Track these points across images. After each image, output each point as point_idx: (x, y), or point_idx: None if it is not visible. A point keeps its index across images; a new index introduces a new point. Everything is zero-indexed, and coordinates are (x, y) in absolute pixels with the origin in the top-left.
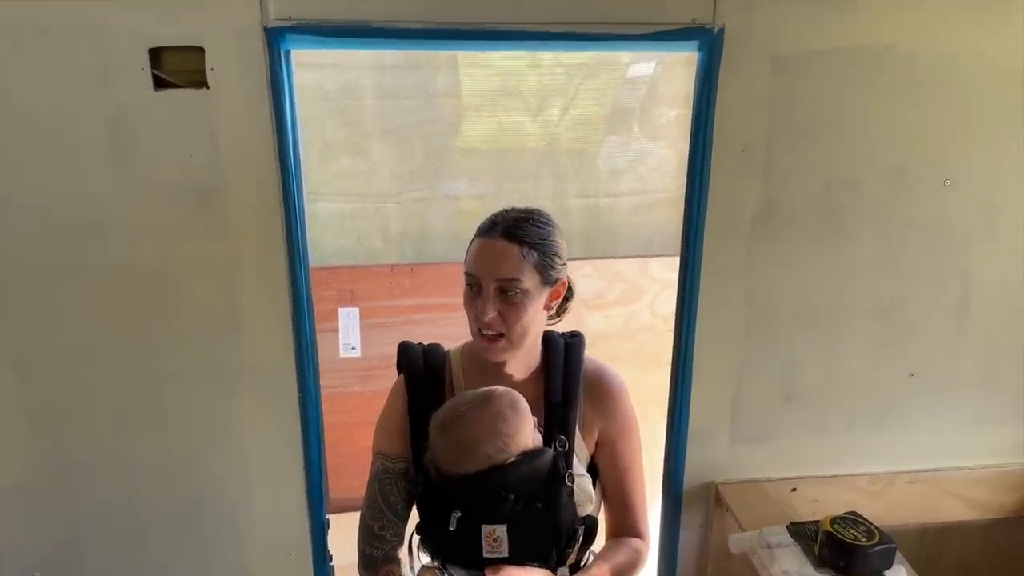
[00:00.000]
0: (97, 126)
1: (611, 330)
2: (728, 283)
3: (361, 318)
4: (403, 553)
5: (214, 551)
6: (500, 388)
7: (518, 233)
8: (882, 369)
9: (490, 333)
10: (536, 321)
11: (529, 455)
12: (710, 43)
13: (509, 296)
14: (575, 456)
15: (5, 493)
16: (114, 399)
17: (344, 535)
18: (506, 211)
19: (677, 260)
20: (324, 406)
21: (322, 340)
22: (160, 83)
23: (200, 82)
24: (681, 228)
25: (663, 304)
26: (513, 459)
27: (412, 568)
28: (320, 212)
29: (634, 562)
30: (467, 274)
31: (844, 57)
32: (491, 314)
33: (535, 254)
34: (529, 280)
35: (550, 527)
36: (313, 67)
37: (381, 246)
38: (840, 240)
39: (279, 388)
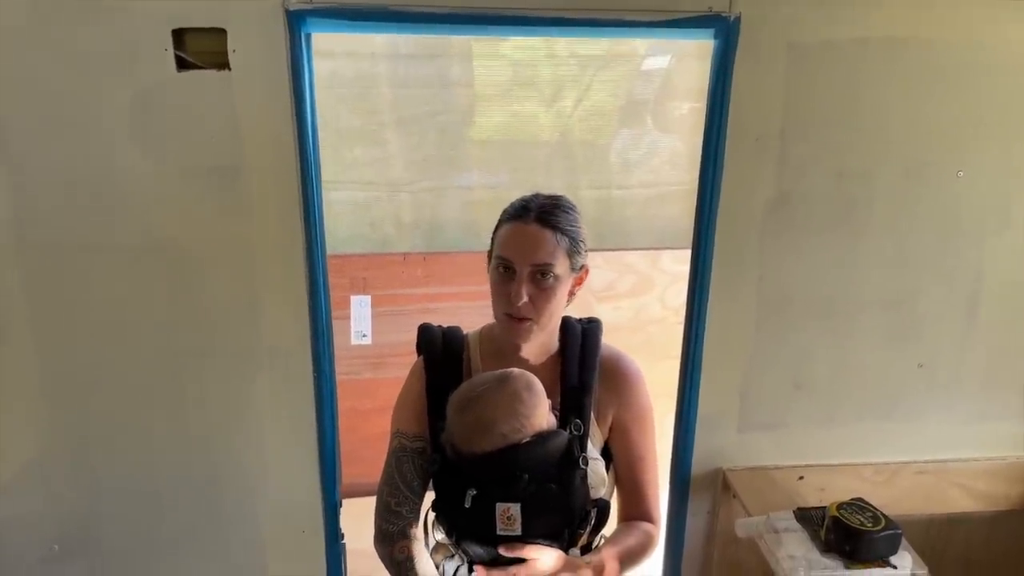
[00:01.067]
0: (120, 106)
1: (621, 322)
2: (739, 272)
3: (373, 306)
4: (419, 529)
5: (229, 527)
6: (516, 370)
7: (551, 219)
8: (891, 360)
9: (519, 316)
10: (561, 306)
11: (544, 436)
12: (726, 31)
13: (541, 281)
14: (589, 440)
15: (25, 466)
16: (133, 376)
17: (355, 520)
18: (535, 196)
19: (688, 253)
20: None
21: (334, 328)
22: (183, 64)
23: (222, 64)
24: (692, 221)
25: (673, 296)
26: (528, 439)
27: (427, 544)
28: (334, 200)
29: (644, 545)
30: (500, 257)
31: (860, 47)
32: (525, 298)
33: (566, 240)
34: (560, 265)
35: (563, 508)
36: (329, 55)
37: (394, 234)
38: (852, 231)
39: (295, 370)
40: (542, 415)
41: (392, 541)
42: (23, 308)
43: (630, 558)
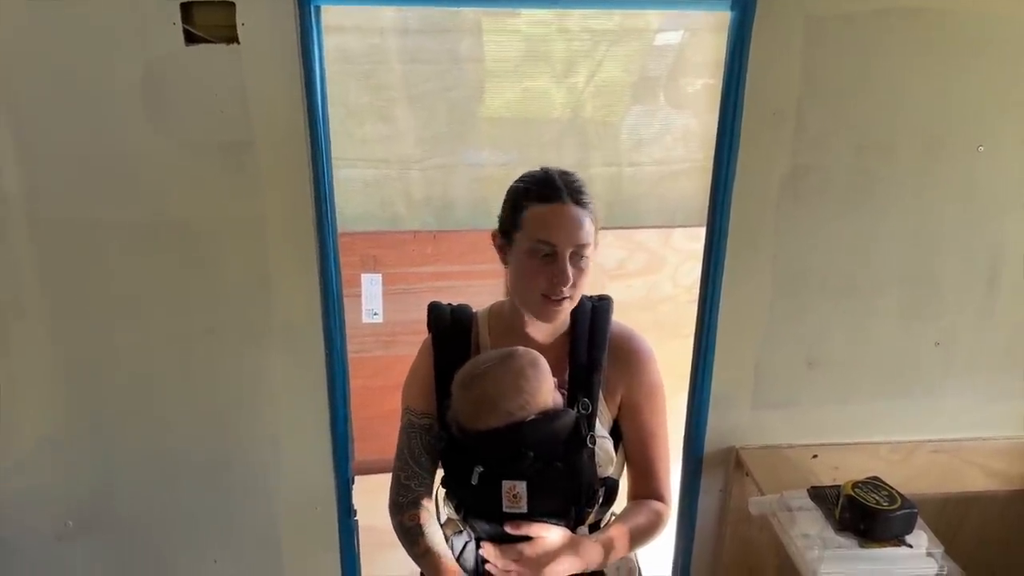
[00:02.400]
0: (129, 81)
1: (632, 300)
2: (754, 248)
3: (383, 284)
4: (431, 502)
5: (243, 504)
6: (521, 348)
7: (582, 198)
8: (908, 337)
9: (560, 297)
10: (585, 286)
11: (549, 414)
12: (743, 2)
13: (579, 261)
14: (597, 419)
15: (39, 444)
16: (146, 353)
17: (367, 496)
18: (554, 173)
19: (700, 231)
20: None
21: (345, 306)
22: (191, 38)
23: (231, 37)
24: (705, 199)
25: (685, 275)
26: (533, 417)
27: (439, 518)
28: (344, 178)
29: (654, 524)
30: (542, 242)
31: (878, 19)
32: (572, 280)
33: (594, 217)
34: (594, 244)
35: (569, 486)
36: (338, 30)
37: (404, 212)
38: (869, 206)
39: (307, 347)
40: (547, 393)
41: (402, 511)
42: (36, 284)
43: (639, 536)
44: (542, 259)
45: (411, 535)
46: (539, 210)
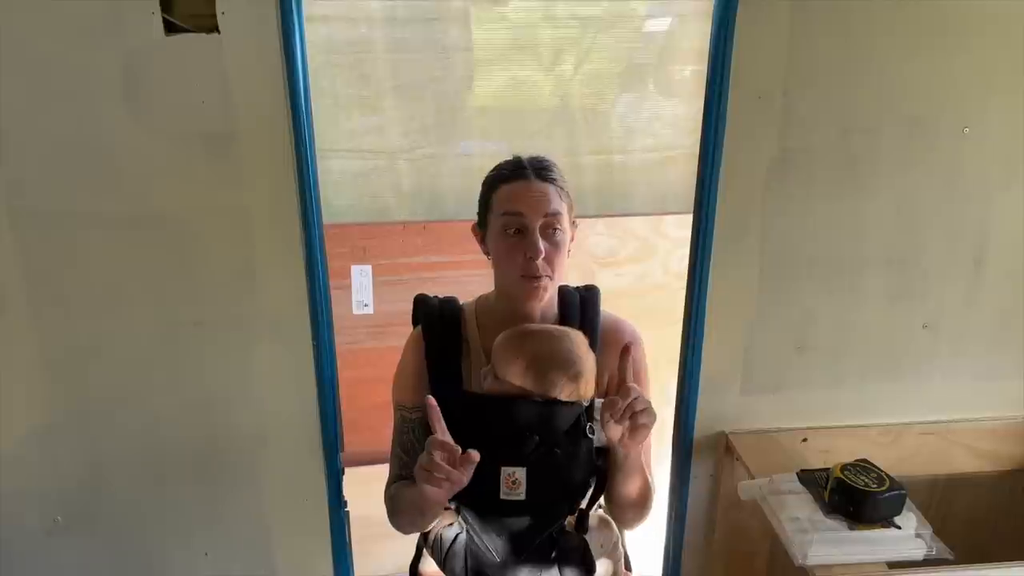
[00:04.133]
0: (108, 71)
1: (623, 288)
2: (742, 233)
3: (374, 275)
4: None
5: (233, 496)
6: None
7: (549, 175)
8: (895, 320)
9: (536, 275)
10: (566, 263)
11: (560, 401)
12: None
13: (552, 235)
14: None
15: (25, 439)
16: (132, 346)
17: (358, 487)
18: (528, 157)
19: (691, 217)
20: (337, 362)
21: (335, 297)
22: (171, 28)
23: (211, 27)
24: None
25: (677, 262)
26: (549, 399)
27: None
28: (333, 169)
29: (648, 495)
30: (509, 214)
31: (864, 1)
32: (544, 252)
33: (565, 195)
34: (566, 218)
35: (567, 476)
36: (323, 20)
37: (393, 203)
38: (856, 189)
39: (294, 339)
40: (591, 385)
41: (392, 489)
42: (19, 277)
43: (642, 497)
44: (514, 235)
45: (396, 497)
46: (506, 188)
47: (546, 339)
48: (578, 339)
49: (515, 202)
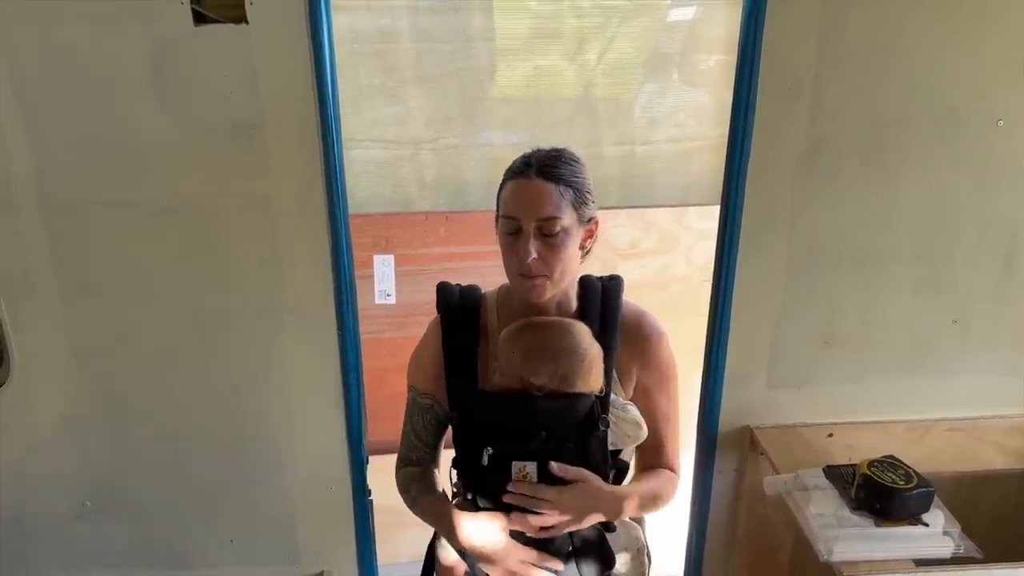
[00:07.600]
0: (138, 62)
1: (645, 280)
2: (769, 225)
3: (396, 265)
4: (433, 471)
5: (257, 484)
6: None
7: (553, 172)
8: (924, 315)
9: (531, 274)
10: (574, 261)
11: (568, 394)
12: None
13: (549, 236)
14: (616, 395)
15: (55, 425)
16: (159, 334)
17: (382, 476)
18: (535, 151)
19: (714, 209)
20: None
21: (358, 287)
22: (200, 18)
23: (239, 17)
24: (719, 177)
25: (699, 254)
26: (557, 392)
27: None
28: (356, 159)
29: (666, 490)
30: (505, 217)
31: None
32: (533, 254)
33: (571, 192)
34: (567, 218)
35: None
36: (347, 10)
37: (416, 193)
38: (886, 181)
39: (319, 328)
40: (597, 376)
41: (402, 471)
42: (49, 265)
43: (652, 499)
44: (513, 236)
45: (407, 482)
46: (507, 187)
47: (542, 332)
48: (579, 331)
49: (511, 204)
